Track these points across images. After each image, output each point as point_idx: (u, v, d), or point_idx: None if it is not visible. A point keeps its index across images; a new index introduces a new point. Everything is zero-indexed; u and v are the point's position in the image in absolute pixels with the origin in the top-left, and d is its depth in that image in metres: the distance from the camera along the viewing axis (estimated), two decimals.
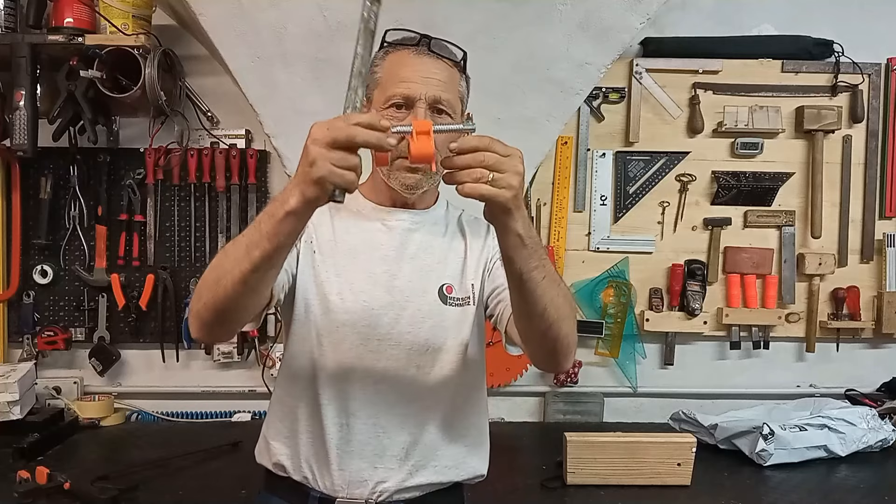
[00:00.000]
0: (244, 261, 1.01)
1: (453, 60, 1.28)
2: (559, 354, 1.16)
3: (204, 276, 1.08)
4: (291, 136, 2.03)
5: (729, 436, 2.05)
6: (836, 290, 2.44)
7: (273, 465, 1.32)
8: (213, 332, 1.13)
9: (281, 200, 0.98)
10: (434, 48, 1.26)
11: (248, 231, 1.03)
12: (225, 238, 2.32)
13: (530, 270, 1.06)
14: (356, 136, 0.93)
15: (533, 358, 1.21)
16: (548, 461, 1.96)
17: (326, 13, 1.91)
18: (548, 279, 1.08)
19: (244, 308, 1.09)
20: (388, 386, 1.26)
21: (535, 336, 1.15)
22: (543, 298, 1.08)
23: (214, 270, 1.06)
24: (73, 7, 2.05)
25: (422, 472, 1.29)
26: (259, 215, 1.02)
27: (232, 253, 1.03)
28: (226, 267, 1.03)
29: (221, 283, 1.03)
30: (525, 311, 1.12)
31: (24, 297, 2.30)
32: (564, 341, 1.14)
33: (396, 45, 1.29)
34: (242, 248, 1.01)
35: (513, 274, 1.08)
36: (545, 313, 1.10)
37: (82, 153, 2.28)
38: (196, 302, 1.09)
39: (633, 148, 2.40)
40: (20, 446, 1.91)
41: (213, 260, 1.09)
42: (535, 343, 1.16)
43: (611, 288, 2.40)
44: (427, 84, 1.23)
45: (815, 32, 2.39)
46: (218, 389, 2.36)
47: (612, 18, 1.98)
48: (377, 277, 1.27)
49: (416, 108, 1.22)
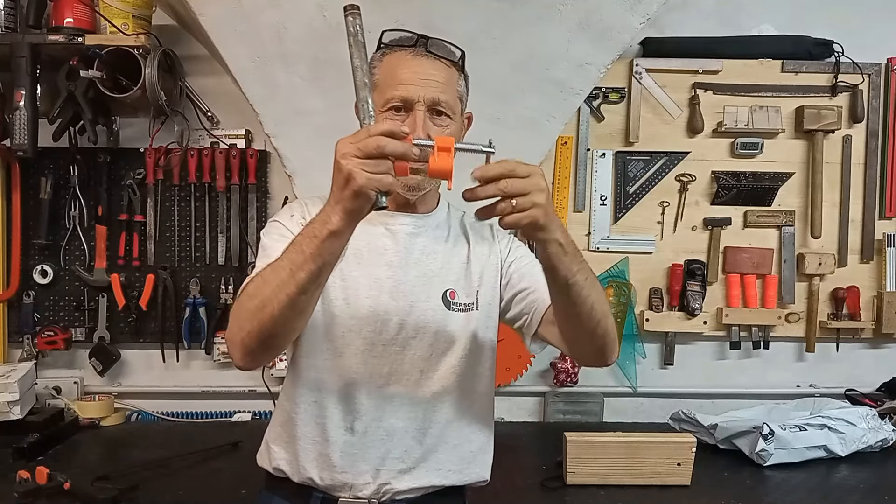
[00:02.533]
0: (289, 284, 1.03)
1: (451, 60, 1.27)
2: (607, 348, 1.20)
3: (240, 304, 1.10)
4: (291, 136, 2.03)
5: (729, 436, 2.05)
6: (836, 290, 2.44)
7: (273, 469, 1.32)
8: (260, 358, 1.15)
9: (321, 221, 1.01)
10: (431, 48, 1.25)
11: (289, 255, 1.04)
12: (225, 238, 2.32)
13: (574, 274, 1.09)
14: (385, 147, 0.96)
15: (581, 357, 1.25)
16: (548, 461, 1.96)
17: (326, 13, 1.91)
18: (590, 280, 1.11)
19: (292, 330, 1.12)
20: (392, 391, 1.26)
21: (584, 336, 1.18)
22: (590, 298, 1.12)
23: (255, 298, 1.07)
24: (73, 7, 2.05)
25: (426, 475, 1.29)
26: (296, 238, 1.05)
27: (273, 279, 1.05)
28: (267, 294, 1.05)
29: (266, 309, 1.05)
30: (573, 312, 1.14)
31: (24, 297, 2.30)
32: (612, 334, 1.19)
33: (393, 47, 1.28)
34: (285, 272, 1.03)
35: (557, 281, 1.10)
36: (592, 312, 1.13)
37: (82, 153, 2.28)
38: (238, 332, 1.10)
39: (633, 148, 2.40)
40: (20, 446, 1.91)
41: (249, 287, 1.10)
42: (584, 342, 1.19)
43: (611, 288, 2.40)
44: (426, 86, 1.22)
45: (815, 32, 2.39)
46: (218, 389, 2.36)
47: (612, 18, 1.98)
48: (382, 283, 1.28)
49: (415, 111, 1.22)
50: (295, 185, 2.09)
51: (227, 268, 2.33)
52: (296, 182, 2.08)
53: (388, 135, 0.97)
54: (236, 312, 1.11)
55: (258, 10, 1.94)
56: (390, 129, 0.98)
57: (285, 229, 1.27)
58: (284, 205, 2.28)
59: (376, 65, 1.27)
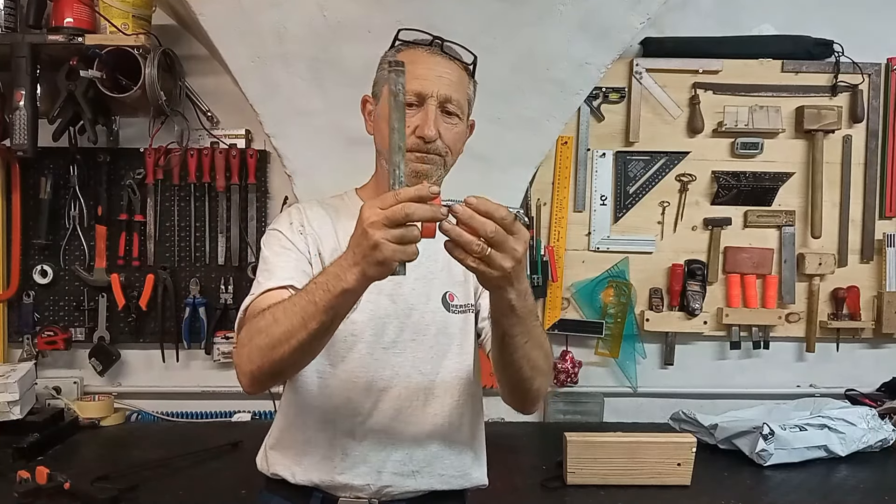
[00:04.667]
0: (300, 331, 1.05)
1: (464, 62, 1.29)
2: (526, 402, 1.24)
3: (250, 337, 1.11)
4: (291, 136, 2.03)
5: (729, 436, 2.05)
6: (836, 290, 2.44)
7: (272, 474, 1.32)
8: (267, 386, 1.16)
9: (336, 276, 1.01)
10: (446, 49, 1.27)
11: (301, 302, 1.05)
12: (225, 238, 2.32)
13: (514, 336, 1.10)
14: (413, 214, 0.95)
15: (502, 395, 1.27)
16: (548, 461, 1.96)
17: (326, 13, 1.91)
18: (530, 343, 1.12)
19: (302, 365, 1.15)
20: (393, 394, 1.26)
21: (506, 382, 1.21)
22: (521, 360, 1.14)
23: (265, 336, 1.08)
24: (73, 7, 2.05)
25: (427, 479, 1.29)
26: (310, 286, 1.06)
27: (284, 322, 1.06)
28: (278, 335, 1.07)
29: (277, 350, 1.07)
30: (501, 362, 1.17)
31: (24, 297, 2.30)
32: (534, 394, 1.21)
33: (409, 44, 1.29)
34: (297, 319, 1.05)
35: (496, 332, 1.13)
36: (521, 370, 1.15)
37: (82, 153, 2.28)
38: (247, 363, 1.11)
39: (633, 148, 2.40)
40: (20, 446, 1.91)
41: (258, 321, 1.11)
42: (505, 387, 1.23)
43: (611, 288, 2.40)
44: (439, 82, 1.24)
45: (815, 32, 2.39)
46: (218, 389, 2.35)
47: (612, 18, 1.98)
48: (382, 286, 1.26)
49: (427, 106, 1.22)
50: (295, 185, 2.09)
51: (227, 268, 2.33)
52: (296, 182, 2.08)
53: (417, 199, 0.95)
54: (245, 343, 1.12)
55: (258, 10, 1.93)
56: (418, 193, 0.95)
57: (286, 240, 1.27)
58: (284, 205, 2.29)
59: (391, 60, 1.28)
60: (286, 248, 1.26)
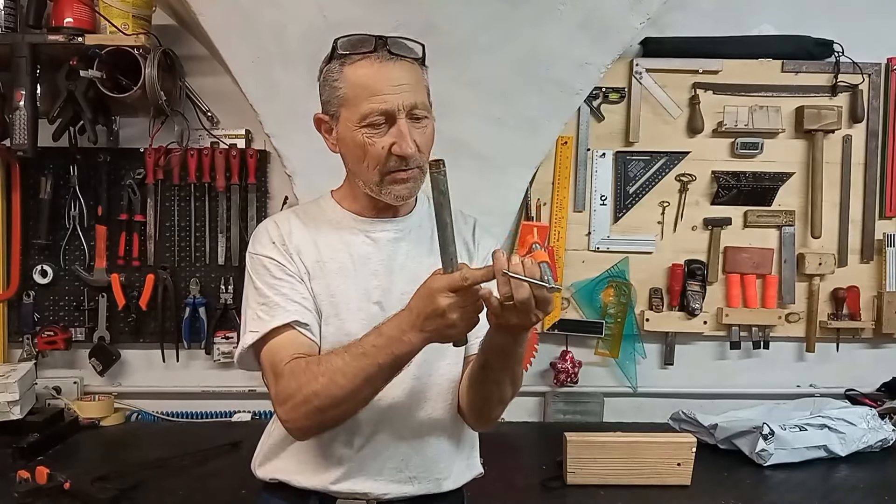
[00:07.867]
0: (365, 389, 1.13)
1: (414, 58, 1.23)
2: (481, 421, 1.30)
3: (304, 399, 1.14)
4: (291, 136, 2.03)
5: (729, 436, 2.05)
6: (836, 290, 2.44)
7: (269, 479, 1.31)
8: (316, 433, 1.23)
9: (399, 337, 1.09)
10: (394, 49, 1.20)
11: (360, 364, 1.11)
12: (225, 238, 2.32)
13: (495, 370, 1.19)
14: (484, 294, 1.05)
15: (459, 406, 1.31)
16: (548, 461, 1.96)
17: (326, 13, 1.91)
18: (508, 380, 1.21)
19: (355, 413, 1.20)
20: (388, 400, 1.25)
21: (468, 399, 1.27)
22: (492, 391, 1.22)
23: (324, 398, 1.13)
24: (73, 7, 2.05)
25: (425, 484, 1.28)
26: (366, 346, 1.12)
27: (346, 385, 1.12)
28: (341, 396, 1.13)
29: (340, 408, 1.14)
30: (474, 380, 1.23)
31: (24, 297, 2.30)
32: (489, 417, 1.28)
33: (352, 55, 1.21)
34: (359, 380, 1.11)
35: (480, 359, 1.20)
36: (489, 398, 1.24)
37: (82, 153, 2.28)
38: (303, 420, 1.16)
39: (633, 148, 2.40)
40: (20, 446, 1.91)
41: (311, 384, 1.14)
42: (465, 401, 1.28)
43: (611, 288, 2.40)
44: (401, 92, 1.18)
45: (815, 32, 2.39)
46: (218, 389, 2.36)
47: (612, 18, 1.98)
48: (370, 293, 1.27)
49: (398, 123, 1.19)
50: (295, 185, 2.09)
51: (227, 268, 2.33)
52: (296, 182, 2.08)
53: (484, 279, 1.04)
54: (299, 404, 1.15)
55: (258, 10, 1.93)
56: (485, 275, 1.03)
57: (275, 266, 1.25)
58: (284, 205, 2.28)
59: (337, 77, 1.22)
60: (278, 277, 1.24)
